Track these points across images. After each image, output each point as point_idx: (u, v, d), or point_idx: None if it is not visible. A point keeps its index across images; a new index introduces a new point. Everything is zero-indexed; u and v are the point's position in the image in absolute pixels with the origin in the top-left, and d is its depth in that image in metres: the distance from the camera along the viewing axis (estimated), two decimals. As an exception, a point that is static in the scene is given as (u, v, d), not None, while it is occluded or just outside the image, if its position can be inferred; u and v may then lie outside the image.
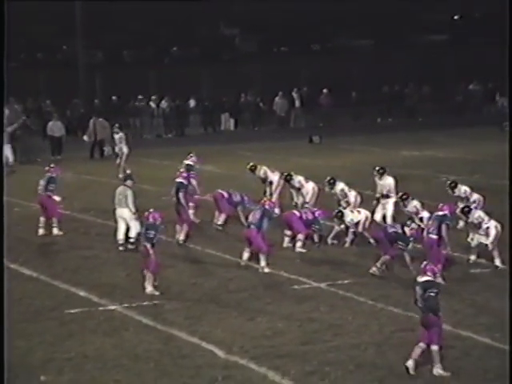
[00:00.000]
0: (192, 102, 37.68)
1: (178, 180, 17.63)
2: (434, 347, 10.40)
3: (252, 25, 44.63)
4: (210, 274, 15.15)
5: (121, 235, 16.63)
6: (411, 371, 10.47)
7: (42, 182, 17.99)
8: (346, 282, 14.40)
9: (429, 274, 10.53)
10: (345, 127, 37.25)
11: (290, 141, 33.11)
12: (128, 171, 18.58)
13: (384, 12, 43.54)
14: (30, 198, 20.37)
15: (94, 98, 37.07)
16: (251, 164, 19.91)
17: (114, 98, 36.97)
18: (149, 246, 14.02)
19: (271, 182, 19.52)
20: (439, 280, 10.52)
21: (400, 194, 17.04)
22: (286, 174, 19.01)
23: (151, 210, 14.50)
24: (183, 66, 40.85)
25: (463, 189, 17.00)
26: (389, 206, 17.64)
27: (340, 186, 17.83)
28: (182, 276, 15.06)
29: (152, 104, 36.40)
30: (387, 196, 17.75)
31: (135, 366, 11.11)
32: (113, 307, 13.40)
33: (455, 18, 45.80)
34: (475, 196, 17.03)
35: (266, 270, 15.09)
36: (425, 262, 10.92)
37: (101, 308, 13.35)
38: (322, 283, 14.40)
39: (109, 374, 10.85)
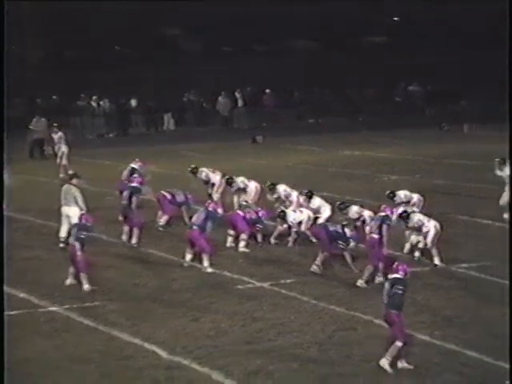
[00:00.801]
0: (134, 102, 37.39)
1: (133, 184, 17.52)
2: (398, 343, 10.51)
3: (194, 25, 44.50)
4: (153, 275, 15.04)
5: (63, 233, 16.42)
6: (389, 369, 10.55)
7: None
8: (288, 281, 14.42)
9: (400, 272, 10.71)
10: (288, 127, 37.38)
11: (234, 141, 33.11)
12: (70, 171, 18.31)
13: (327, 14, 43.84)
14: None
15: (35, 97, 36.54)
16: (192, 166, 19.86)
17: (54, 97, 36.54)
18: (78, 246, 14.04)
19: (213, 184, 19.49)
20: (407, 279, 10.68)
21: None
22: (227, 177, 19.00)
23: (83, 212, 14.78)
24: (125, 65, 40.50)
25: (402, 194, 17.13)
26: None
27: (281, 187, 17.88)
28: (124, 276, 14.91)
29: (93, 103, 36.05)
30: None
31: (77, 368, 10.96)
32: (54, 308, 13.21)
33: (394, 19, 46.31)
34: (415, 197, 17.19)
35: (209, 270, 15.06)
36: (397, 262, 11.10)
37: (41, 310, 13.15)
38: (265, 283, 14.40)
39: (50, 377, 10.70)
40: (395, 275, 10.71)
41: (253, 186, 18.68)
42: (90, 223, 14.40)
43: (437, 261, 14.95)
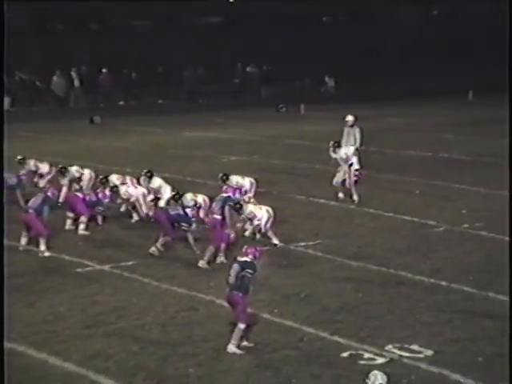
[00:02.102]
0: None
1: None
2: (241, 326, 10.60)
3: (24, 0, 43.18)
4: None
5: None
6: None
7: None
8: (130, 263, 14.33)
9: (250, 256, 10.77)
10: (125, 108, 36.99)
11: (71, 121, 32.41)
12: None
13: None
14: None
15: None
16: (19, 157, 19.32)
17: None
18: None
19: (42, 175, 19.08)
20: (257, 263, 10.76)
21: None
22: (60, 166, 18.55)
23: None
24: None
25: (234, 180, 17.14)
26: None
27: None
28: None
29: None
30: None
31: None
32: None
33: (230, 0, 46.69)
34: (247, 183, 17.19)
35: (47, 253, 14.74)
36: (246, 246, 11.18)
37: None
38: (105, 265, 14.25)
39: None
40: (245, 258, 10.79)
41: (87, 173, 18.37)
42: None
43: (275, 241, 15.25)
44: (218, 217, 14.53)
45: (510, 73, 19.19)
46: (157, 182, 17.04)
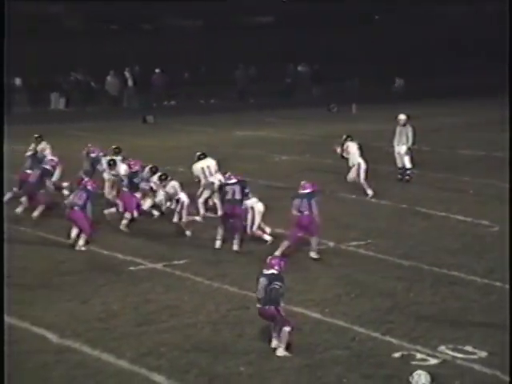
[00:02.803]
0: (18, 80, 36.45)
1: (45, 166, 17.83)
2: (287, 328, 10.51)
3: (78, 1, 43.64)
4: (41, 257, 14.75)
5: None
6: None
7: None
8: (182, 261, 14.38)
9: (276, 267, 10.68)
10: (177, 107, 37.20)
11: (124, 121, 32.71)
12: None
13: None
14: None
15: None
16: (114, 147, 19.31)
17: None
18: None
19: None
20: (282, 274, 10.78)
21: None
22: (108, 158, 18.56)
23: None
24: (8, 42, 39.34)
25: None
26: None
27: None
28: (10, 259, 14.55)
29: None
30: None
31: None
32: None
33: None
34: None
35: (83, 248, 15.03)
36: (271, 257, 11.10)
37: None
38: (157, 264, 14.34)
39: None
40: (271, 271, 10.67)
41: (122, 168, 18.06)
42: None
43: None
44: (307, 212, 14.26)
45: (510, 73, 19.13)
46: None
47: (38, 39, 39.39)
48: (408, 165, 19.80)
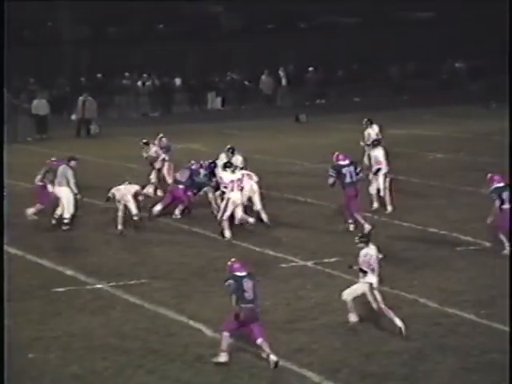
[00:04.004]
0: (178, 81, 37.61)
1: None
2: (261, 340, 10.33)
3: (237, 2, 44.38)
4: (198, 253, 15.15)
5: (59, 211, 16.79)
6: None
7: (40, 172, 17.56)
8: (332, 259, 14.41)
9: (245, 268, 10.62)
10: (331, 106, 37.20)
11: (277, 119, 33.05)
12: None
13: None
14: (18, 177, 20.31)
15: (79, 75, 36.78)
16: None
17: (99, 75, 36.70)
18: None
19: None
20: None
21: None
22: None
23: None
24: (168, 43, 40.55)
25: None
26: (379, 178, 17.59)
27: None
28: (169, 255, 15.05)
29: (138, 83, 36.26)
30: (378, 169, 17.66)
31: (122, 344, 11.11)
32: (99, 286, 13.39)
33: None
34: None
35: (179, 216, 16.58)
36: (231, 262, 10.85)
37: (88, 287, 13.35)
38: (308, 261, 14.41)
39: (96, 353, 10.86)
40: (244, 273, 10.58)
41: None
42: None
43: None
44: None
45: (510, 76, 18.02)
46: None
47: (197, 40, 40.43)
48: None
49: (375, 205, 17.43)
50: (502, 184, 14.34)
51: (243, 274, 10.64)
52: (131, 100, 36.12)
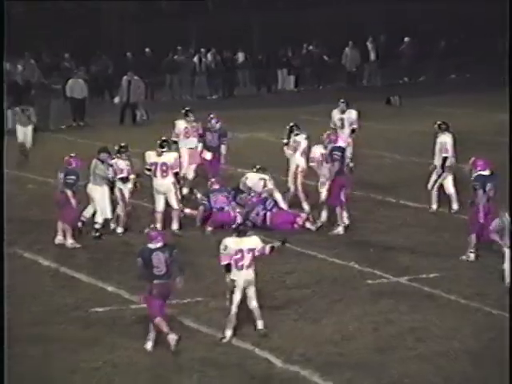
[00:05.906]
0: (241, 56, 37.53)
1: None
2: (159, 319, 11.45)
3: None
4: (264, 266, 15.13)
5: (87, 213, 16.92)
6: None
7: (61, 175, 16.43)
8: (431, 275, 14.35)
9: (160, 239, 11.65)
10: (429, 85, 36.85)
11: (363, 102, 32.68)
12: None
13: None
14: (47, 173, 20.58)
15: (124, 51, 36.96)
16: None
17: (147, 50, 36.71)
18: (70, 193, 15.93)
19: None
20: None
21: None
22: None
23: (72, 155, 16.36)
24: (230, 13, 40.73)
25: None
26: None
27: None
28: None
29: (194, 59, 36.36)
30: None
31: (174, 377, 11.18)
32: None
33: None
34: None
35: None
36: (147, 231, 11.96)
37: (132, 306, 13.44)
38: (401, 277, 14.35)
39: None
40: (159, 244, 11.69)
41: None
42: (79, 167, 16.18)
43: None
44: None
45: (510, 72, 17.80)
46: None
47: (265, 7, 40.43)
48: None
49: (454, 206, 17.60)
50: (486, 172, 14.54)
51: (157, 245, 11.60)
52: (185, 80, 36.33)
